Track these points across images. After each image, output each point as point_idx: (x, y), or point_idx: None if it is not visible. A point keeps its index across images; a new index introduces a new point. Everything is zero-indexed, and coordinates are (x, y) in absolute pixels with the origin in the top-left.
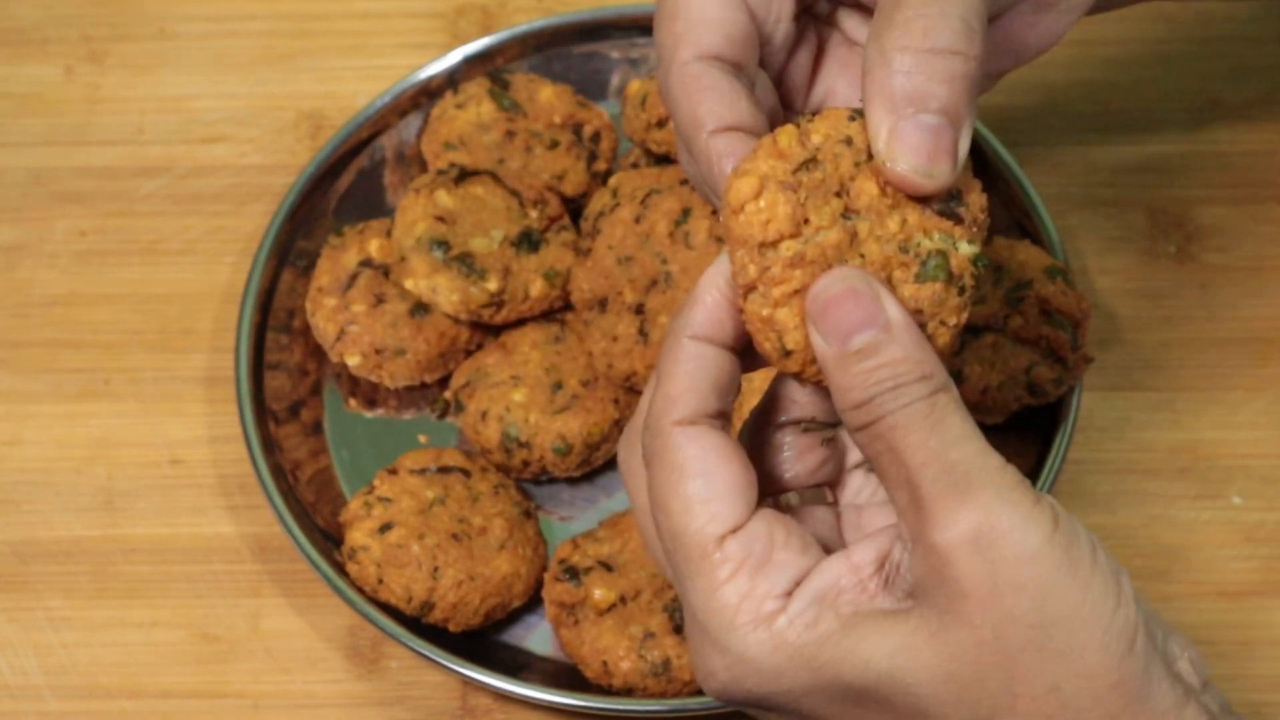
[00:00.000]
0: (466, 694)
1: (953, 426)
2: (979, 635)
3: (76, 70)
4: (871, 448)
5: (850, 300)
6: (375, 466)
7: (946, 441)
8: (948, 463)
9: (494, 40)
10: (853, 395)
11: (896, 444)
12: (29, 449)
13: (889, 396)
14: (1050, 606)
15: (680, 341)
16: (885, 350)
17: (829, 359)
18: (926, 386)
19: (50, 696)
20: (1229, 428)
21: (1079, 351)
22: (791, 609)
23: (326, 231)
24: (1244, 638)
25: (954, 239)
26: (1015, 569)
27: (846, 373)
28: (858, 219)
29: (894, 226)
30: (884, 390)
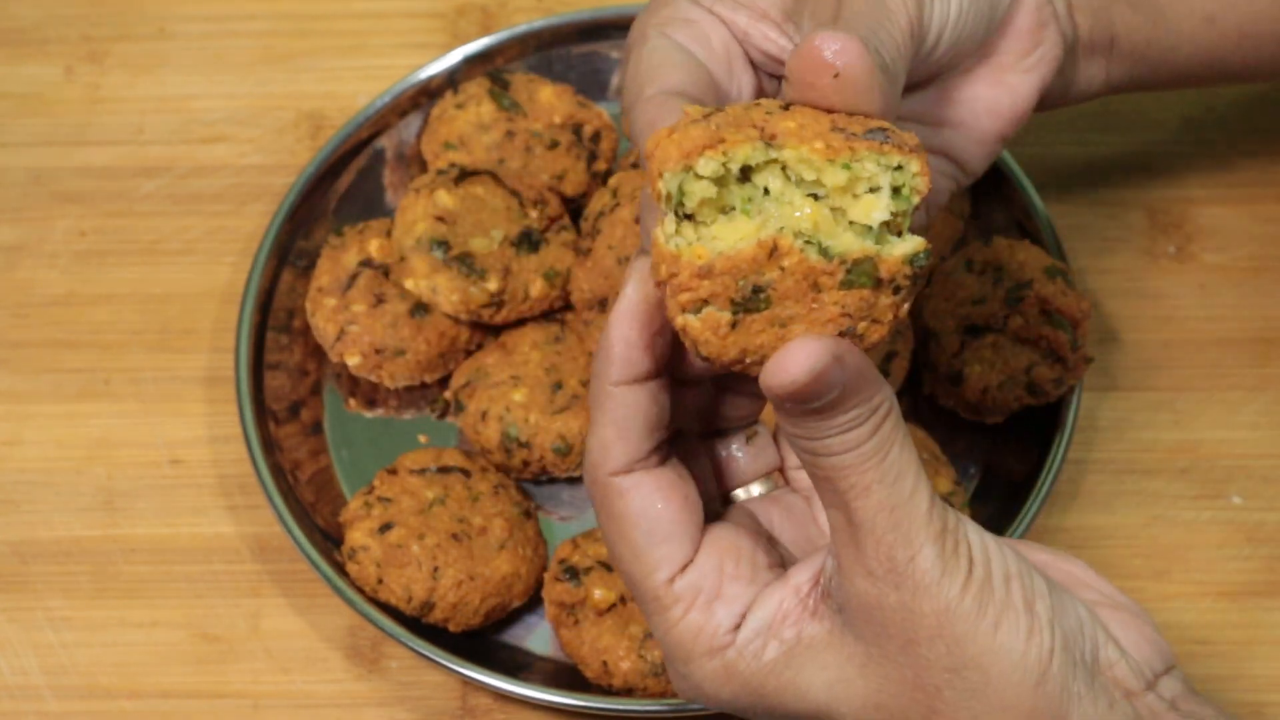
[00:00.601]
0: (466, 694)
1: (891, 463)
2: (902, 673)
3: (76, 70)
4: (814, 474)
5: (814, 382)
6: (375, 466)
7: (886, 480)
8: (883, 503)
9: (494, 40)
10: (805, 442)
11: (840, 483)
12: (29, 449)
13: (838, 441)
14: (962, 651)
15: (604, 391)
16: (842, 404)
17: (784, 414)
18: (873, 422)
19: (50, 696)
20: (1229, 428)
21: (1079, 351)
22: (740, 640)
23: (326, 231)
24: (1244, 638)
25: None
26: (931, 620)
27: (801, 426)
28: (778, 152)
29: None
30: (834, 436)
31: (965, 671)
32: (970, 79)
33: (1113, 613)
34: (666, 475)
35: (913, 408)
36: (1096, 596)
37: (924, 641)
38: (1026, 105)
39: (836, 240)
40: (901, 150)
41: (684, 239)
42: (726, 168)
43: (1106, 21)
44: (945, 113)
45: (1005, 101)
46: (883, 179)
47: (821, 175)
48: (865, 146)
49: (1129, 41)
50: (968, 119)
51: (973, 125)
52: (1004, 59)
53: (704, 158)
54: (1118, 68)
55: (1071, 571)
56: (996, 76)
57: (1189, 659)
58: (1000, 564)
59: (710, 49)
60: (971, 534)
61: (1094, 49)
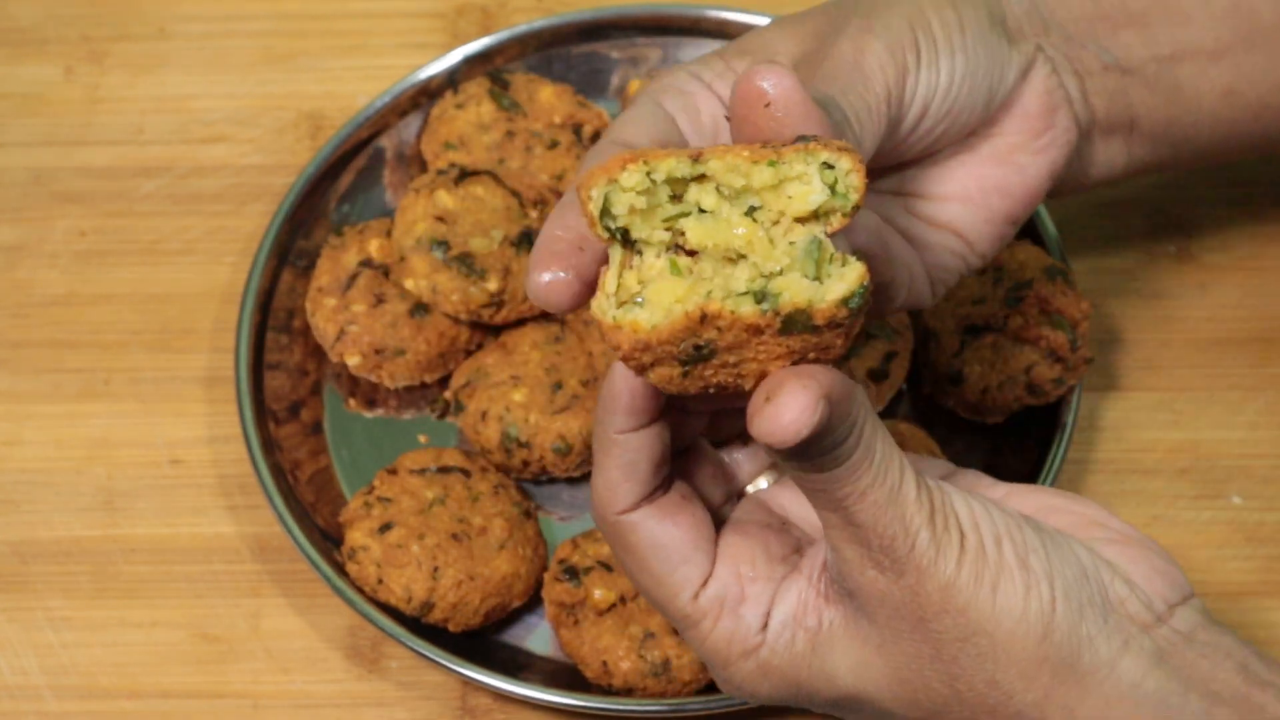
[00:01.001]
0: (466, 694)
1: (880, 459)
2: (918, 648)
3: (76, 70)
4: (803, 488)
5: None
6: (375, 466)
7: (878, 479)
8: (880, 502)
9: (494, 40)
10: (794, 471)
11: (833, 493)
12: (29, 449)
13: (826, 460)
14: (968, 620)
15: (608, 438)
16: (827, 433)
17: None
18: (855, 433)
19: (50, 696)
20: (1229, 428)
21: (1079, 351)
22: (769, 637)
23: (326, 231)
24: (1244, 637)
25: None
26: (936, 598)
27: (787, 456)
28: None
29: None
30: (821, 457)
31: (974, 639)
32: (976, 156)
33: (1123, 548)
34: (672, 500)
35: (913, 408)
36: (1107, 534)
37: (933, 618)
38: (1038, 187)
39: (773, 280)
40: (829, 148)
41: (623, 302)
42: (652, 180)
43: (1124, 103)
44: (947, 188)
45: (1015, 181)
46: (812, 173)
47: (749, 179)
48: (791, 149)
49: (1149, 121)
50: (975, 195)
51: (980, 203)
52: (1013, 139)
53: (626, 170)
54: (1139, 148)
55: (1083, 513)
56: (1005, 156)
57: None
58: (990, 528)
59: (697, 120)
60: (958, 504)
61: (1113, 130)
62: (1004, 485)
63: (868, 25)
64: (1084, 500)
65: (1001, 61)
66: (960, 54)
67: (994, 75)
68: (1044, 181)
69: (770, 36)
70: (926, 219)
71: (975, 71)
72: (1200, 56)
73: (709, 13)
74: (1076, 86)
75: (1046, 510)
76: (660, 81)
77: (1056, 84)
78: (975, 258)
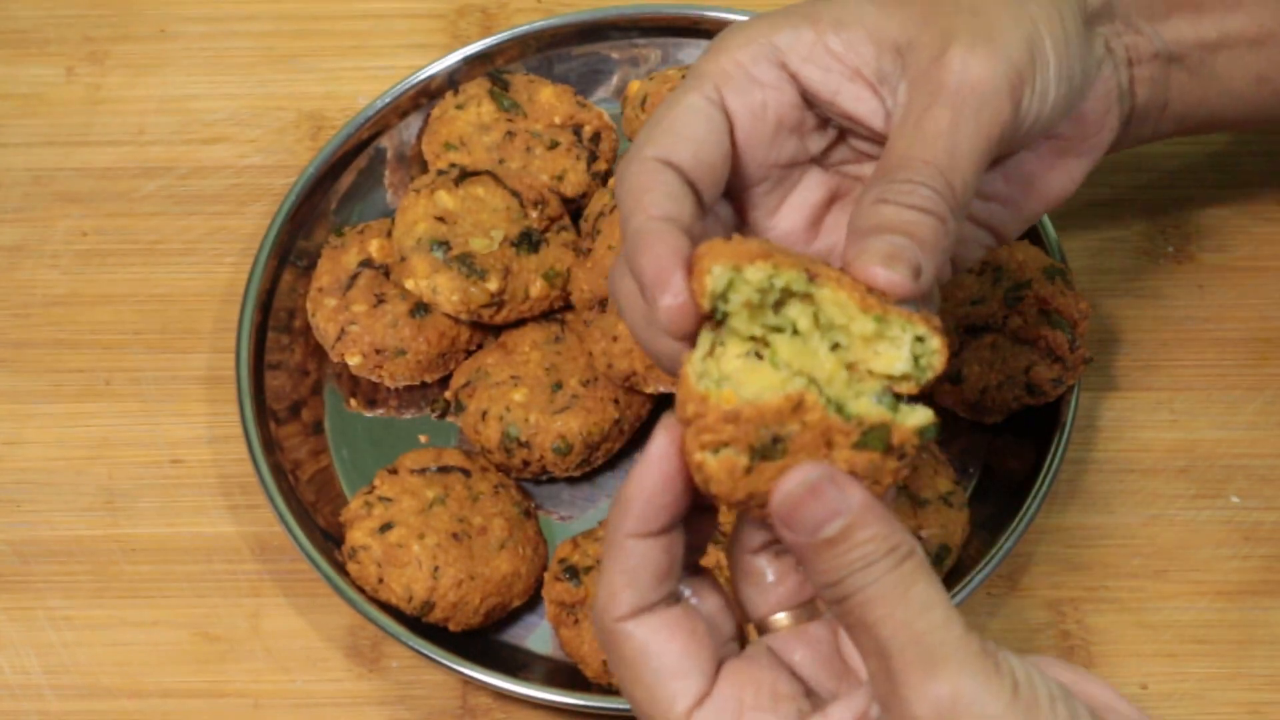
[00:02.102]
0: (466, 693)
1: (918, 595)
2: None
3: (77, 71)
4: (844, 620)
5: (812, 498)
6: (375, 466)
7: (913, 612)
8: (915, 634)
9: (494, 41)
10: (825, 577)
11: (867, 618)
12: (30, 449)
13: (859, 576)
14: None
15: (617, 540)
16: (853, 535)
17: (799, 548)
18: (894, 559)
19: (51, 696)
20: (1227, 427)
21: (1078, 351)
22: None
23: (327, 232)
24: (1242, 637)
25: (897, 408)
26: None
27: (818, 559)
28: (817, 289)
29: (855, 324)
30: (855, 570)
31: None
32: (1030, 159)
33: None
34: (674, 614)
35: None
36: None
37: None
38: (1074, 187)
39: (849, 400)
40: (928, 324)
41: (710, 379)
42: (772, 284)
43: (1164, 88)
44: (998, 188)
45: (1055, 183)
46: (905, 339)
47: (851, 323)
48: (895, 311)
49: (1182, 103)
50: (1018, 197)
51: (1021, 204)
52: (1068, 143)
53: (754, 265)
54: (1166, 125)
55: (1094, 695)
56: (1054, 160)
57: (1187, 658)
58: (1044, 686)
59: (760, 120)
60: (1011, 658)
61: (1147, 114)
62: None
63: (985, 43)
64: (1093, 679)
65: (1090, 72)
66: (1065, 81)
67: (1083, 92)
68: (1079, 182)
69: (865, 9)
70: (971, 216)
71: (1073, 95)
72: (1241, 43)
73: (709, 13)
74: (1126, 77)
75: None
76: (731, 55)
77: (1114, 84)
78: (998, 244)
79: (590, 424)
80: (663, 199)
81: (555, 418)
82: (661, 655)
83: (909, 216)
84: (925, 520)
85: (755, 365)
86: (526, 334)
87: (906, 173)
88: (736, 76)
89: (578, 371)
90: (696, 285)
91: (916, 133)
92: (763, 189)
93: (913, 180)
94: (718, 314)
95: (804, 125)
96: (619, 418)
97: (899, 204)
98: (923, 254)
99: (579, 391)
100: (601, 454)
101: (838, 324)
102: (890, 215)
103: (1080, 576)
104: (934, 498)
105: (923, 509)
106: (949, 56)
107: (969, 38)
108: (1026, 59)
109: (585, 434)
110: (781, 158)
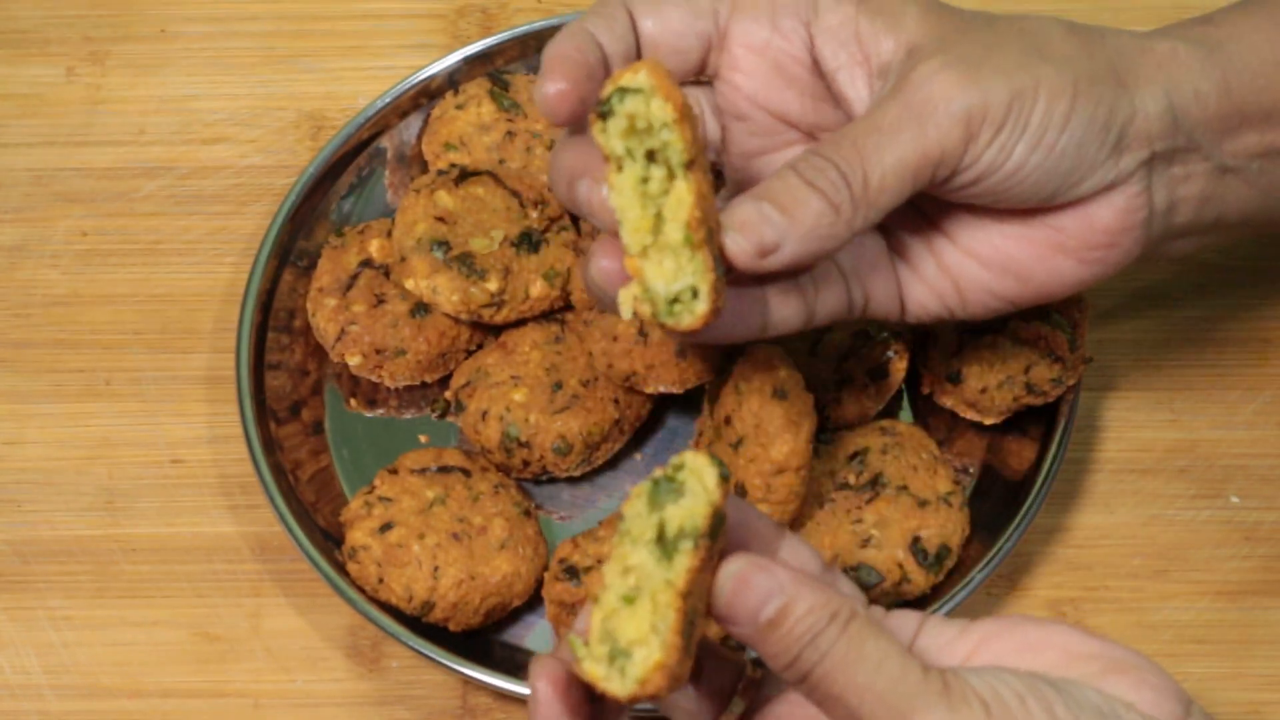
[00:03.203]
0: (467, 693)
1: (871, 653)
2: None
3: (78, 71)
4: (812, 697)
5: (744, 587)
6: (376, 466)
7: (871, 672)
8: (878, 694)
9: (494, 41)
10: (781, 659)
11: (831, 690)
12: (30, 449)
13: (810, 650)
14: None
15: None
16: (792, 611)
17: (748, 639)
18: (838, 625)
19: (51, 696)
20: (1227, 427)
21: (1077, 351)
22: None
23: (327, 232)
24: (1242, 637)
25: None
26: None
27: (767, 643)
28: None
29: None
30: (804, 645)
31: None
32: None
33: (1120, 677)
34: None
35: (913, 408)
36: (1099, 665)
37: None
38: (1059, 292)
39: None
40: (714, 287)
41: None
42: (652, 120)
43: (1217, 204)
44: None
45: (1041, 278)
46: (682, 279)
47: (670, 225)
48: (705, 253)
49: (1237, 215)
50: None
51: (996, 276)
52: (1067, 240)
53: (660, 100)
54: (1214, 238)
55: (1066, 645)
56: (1049, 251)
57: (1187, 658)
58: (1009, 689)
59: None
60: (971, 678)
61: (1192, 231)
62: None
63: (970, 74)
64: (1057, 624)
65: (1086, 170)
66: (1043, 151)
67: (1070, 180)
68: (1069, 290)
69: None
70: (940, 262)
71: (1050, 171)
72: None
73: None
74: (1167, 198)
75: (1026, 648)
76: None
77: (1142, 204)
78: (963, 314)
79: (590, 424)
80: (604, 28)
81: (555, 418)
82: None
83: (801, 193)
84: (925, 520)
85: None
86: (526, 334)
87: (829, 150)
88: (761, 4)
89: (578, 371)
90: (609, 82)
91: (863, 119)
92: (746, 128)
93: (828, 158)
94: (603, 108)
95: (802, 85)
96: (619, 418)
97: (801, 177)
98: (791, 231)
99: (579, 391)
100: (601, 454)
101: (666, 219)
102: (781, 185)
103: (1080, 576)
104: (934, 498)
105: (923, 509)
106: (928, 65)
107: (958, 58)
108: (1002, 103)
109: (585, 434)
110: (771, 103)
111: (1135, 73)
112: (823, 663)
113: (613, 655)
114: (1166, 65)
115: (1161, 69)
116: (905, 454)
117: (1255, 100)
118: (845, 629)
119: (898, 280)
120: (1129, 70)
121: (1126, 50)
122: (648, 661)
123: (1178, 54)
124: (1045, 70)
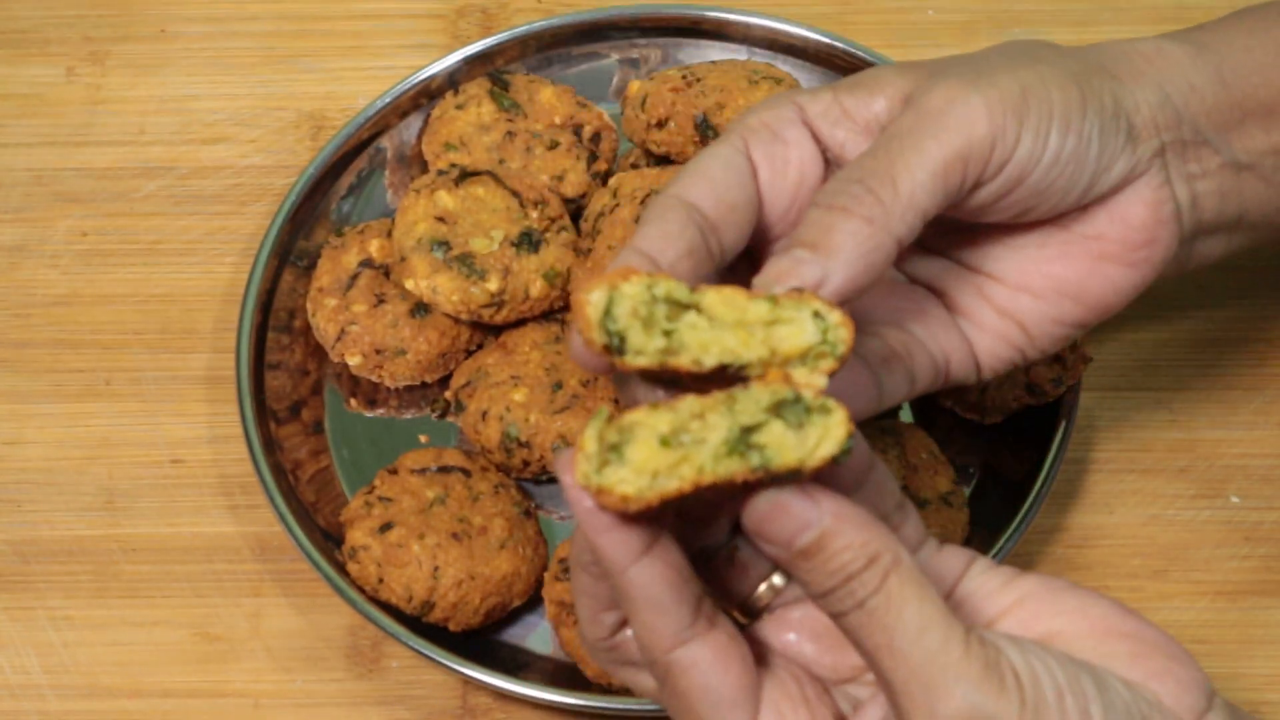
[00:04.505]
0: (467, 693)
1: (911, 619)
2: None
3: (78, 71)
4: (848, 638)
5: (780, 513)
6: (376, 466)
7: (909, 640)
8: (913, 667)
9: (494, 41)
10: (813, 589)
11: (865, 645)
12: (30, 449)
13: (844, 593)
14: None
15: (622, 581)
16: (828, 545)
17: (779, 561)
18: (876, 572)
19: (51, 696)
20: (1227, 427)
21: (1077, 351)
22: None
23: (327, 232)
24: (1242, 637)
25: (806, 424)
26: None
27: (798, 570)
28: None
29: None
30: (838, 582)
31: None
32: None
33: (1146, 663)
34: (719, 640)
35: (913, 407)
36: (1127, 646)
37: None
38: (1118, 303)
39: (750, 416)
40: (820, 300)
41: (605, 475)
42: (652, 294)
43: (1236, 201)
44: (1025, 278)
45: (1095, 291)
46: (804, 318)
47: (744, 313)
48: (784, 296)
49: (1259, 214)
50: (1049, 294)
51: (1053, 302)
52: (1108, 246)
53: (629, 281)
54: (1239, 239)
55: (1103, 618)
56: (1094, 262)
57: None
58: (1049, 679)
59: (783, 173)
60: (1014, 656)
61: (1218, 229)
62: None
63: (972, 79)
64: (1098, 597)
65: (1109, 158)
66: (1074, 134)
67: (1100, 165)
68: (1127, 297)
69: (885, 73)
70: (995, 306)
71: (1085, 156)
72: None
73: (709, 13)
74: (1187, 193)
75: (1062, 614)
76: (759, 115)
77: (1167, 196)
78: (1034, 352)
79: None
80: (658, 237)
81: (555, 417)
82: (715, 689)
83: (826, 221)
84: (925, 520)
85: (649, 445)
86: (526, 334)
87: (849, 169)
88: (762, 132)
89: (578, 371)
90: (582, 323)
91: (880, 136)
92: (785, 244)
93: (847, 177)
94: (613, 341)
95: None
96: None
97: (821, 206)
98: (830, 260)
99: (579, 391)
100: None
101: (730, 320)
102: (804, 224)
103: (1080, 576)
104: (934, 498)
105: (923, 509)
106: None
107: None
108: (1016, 94)
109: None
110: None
111: (1126, 69)
112: (858, 611)
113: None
114: (1156, 61)
115: (1151, 64)
116: (905, 454)
117: (1254, 95)
118: (884, 579)
119: (965, 338)
120: (1120, 68)
121: (1112, 52)
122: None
123: (1165, 51)
124: (1044, 69)
